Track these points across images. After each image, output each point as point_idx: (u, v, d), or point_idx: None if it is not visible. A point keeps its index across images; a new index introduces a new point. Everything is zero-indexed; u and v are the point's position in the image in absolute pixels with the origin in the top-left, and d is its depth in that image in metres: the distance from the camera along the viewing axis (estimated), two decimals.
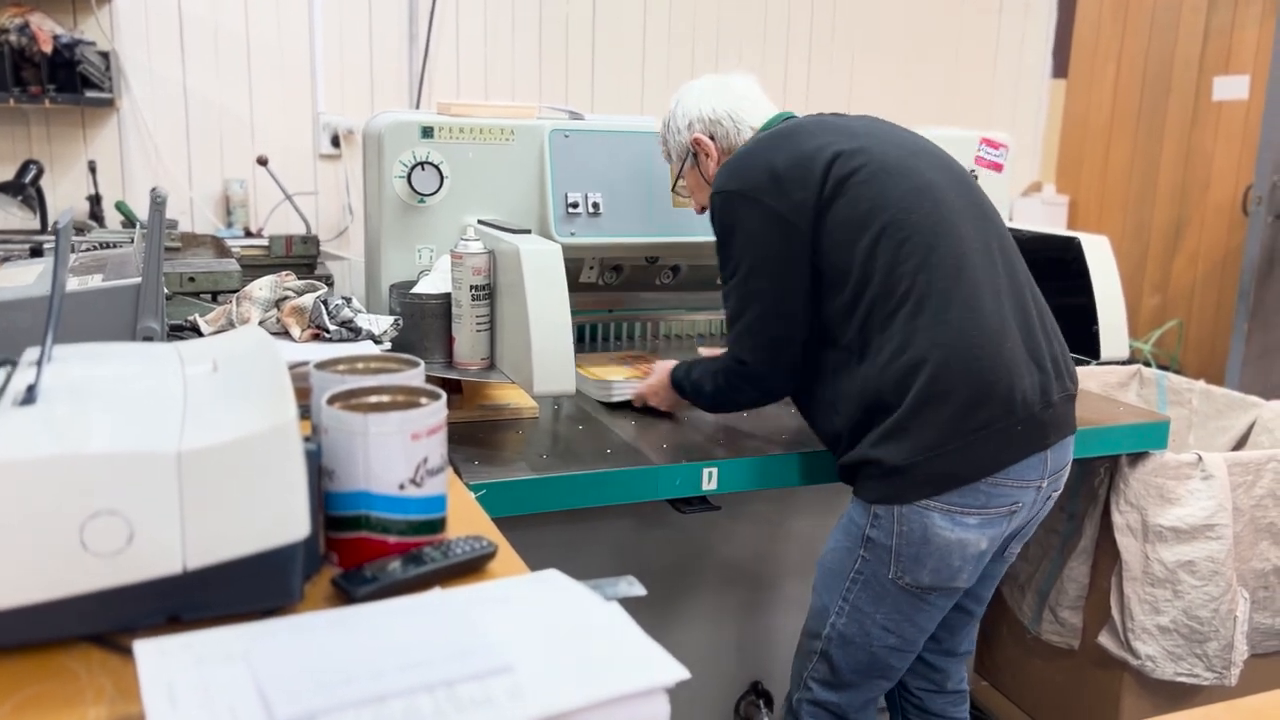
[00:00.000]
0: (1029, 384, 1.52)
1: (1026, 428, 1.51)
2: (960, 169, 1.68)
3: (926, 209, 1.54)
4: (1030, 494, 1.56)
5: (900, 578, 1.56)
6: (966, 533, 1.52)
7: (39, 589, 0.73)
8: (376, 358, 1.08)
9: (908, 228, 1.52)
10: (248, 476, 0.77)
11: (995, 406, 1.49)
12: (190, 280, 1.94)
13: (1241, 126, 3.73)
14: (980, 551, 1.55)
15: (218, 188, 3.36)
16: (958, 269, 1.52)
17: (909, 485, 1.51)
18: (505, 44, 3.62)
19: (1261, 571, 2.15)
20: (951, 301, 1.50)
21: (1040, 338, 1.58)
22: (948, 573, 1.55)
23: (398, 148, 1.90)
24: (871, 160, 1.56)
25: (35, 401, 0.82)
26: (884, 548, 1.55)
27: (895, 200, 1.53)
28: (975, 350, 1.49)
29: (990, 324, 1.51)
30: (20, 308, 1.22)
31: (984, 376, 1.48)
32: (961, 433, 1.48)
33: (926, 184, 1.57)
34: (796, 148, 1.59)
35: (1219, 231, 3.82)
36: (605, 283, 2.24)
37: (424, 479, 0.93)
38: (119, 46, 3.15)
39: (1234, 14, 3.76)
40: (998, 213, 1.67)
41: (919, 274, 1.50)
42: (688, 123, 1.77)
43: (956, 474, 1.49)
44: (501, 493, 1.53)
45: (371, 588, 0.86)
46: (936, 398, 1.48)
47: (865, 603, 1.60)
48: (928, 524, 1.51)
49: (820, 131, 1.62)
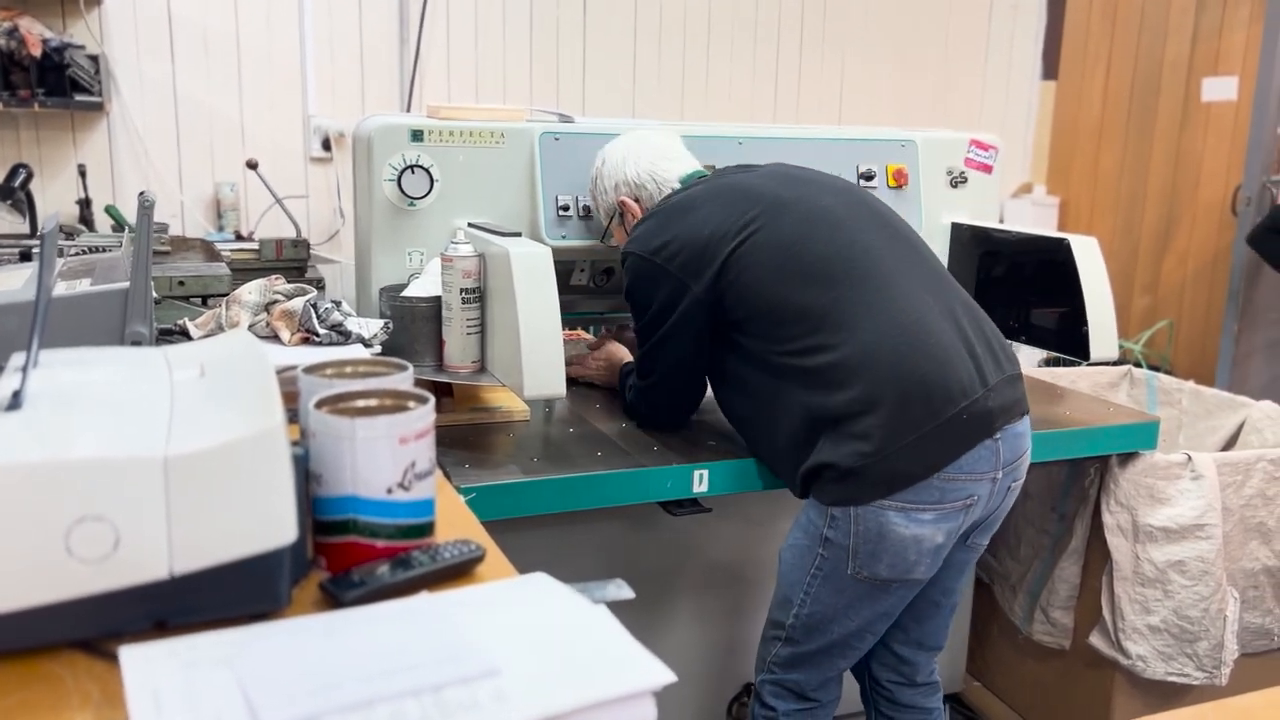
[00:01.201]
0: (963, 371, 1.55)
1: (971, 416, 1.54)
2: (856, 189, 1.80)
3: (824, 235, 1.63)
4: (985, 486, 1.58)
5: (859, 572, 1.59)
6: (922, 528, 1.55)
7: (24, 595, 0.73)
8: (365, 361, 1.08)
9: (810, 256, 1.60)
10: (234, 481, 0.77)
11: (934, 399, 1.52)
12: (180, 284, 1.94)
13: (1230, 127, 3.75)
14: (937, 545, 1.58)
15: (208, 191, 3.35)
16: (867, 278, 1.59)
17: (863, 487, 1.53)
18: (496, 47, 3.62)
19: (1251, 571, 2.16)
20: (869, 308, 1.56)
21: (967, 326, 1.62)
22: (904, 566, 1.57)
23: (388, 151, 1.89)
24: (766, 209, 1.65)
25: (21, 407, 0.81)
26: (841, 547, 1.58)
27: (793, 237, 1.62)
28: (901, 349, 1.53)
29: (910, 321, 1.56)
30: (8, 313, 1.21)
31: (915, 372, 1.52)
32: (907, 431, 1.51)
33: (821, 210, 1.66)
34: (704, 207, 1.69)
35: (1208, 232, 3.84)
36: (596, 285, 2.24)
37: (412, 483, 0.92)
38: (108, 50, 3.15)
39: (1222, 16, 3.77)
40: (902, 219, 1.76)
41: (831, 291, 1.57)
42: (614, 184, 1.87)
43: (909, 472, 1.52)
44: (492, 496, 1.53)
45: (359, 592, 0.86)
46: (875, 400, 1.51)
47: (826, 594, 1.62)
48: (883, 522, 1.54)
49: (724, 199, 1.70)
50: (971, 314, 1.66)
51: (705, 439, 1.79)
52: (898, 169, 2.24)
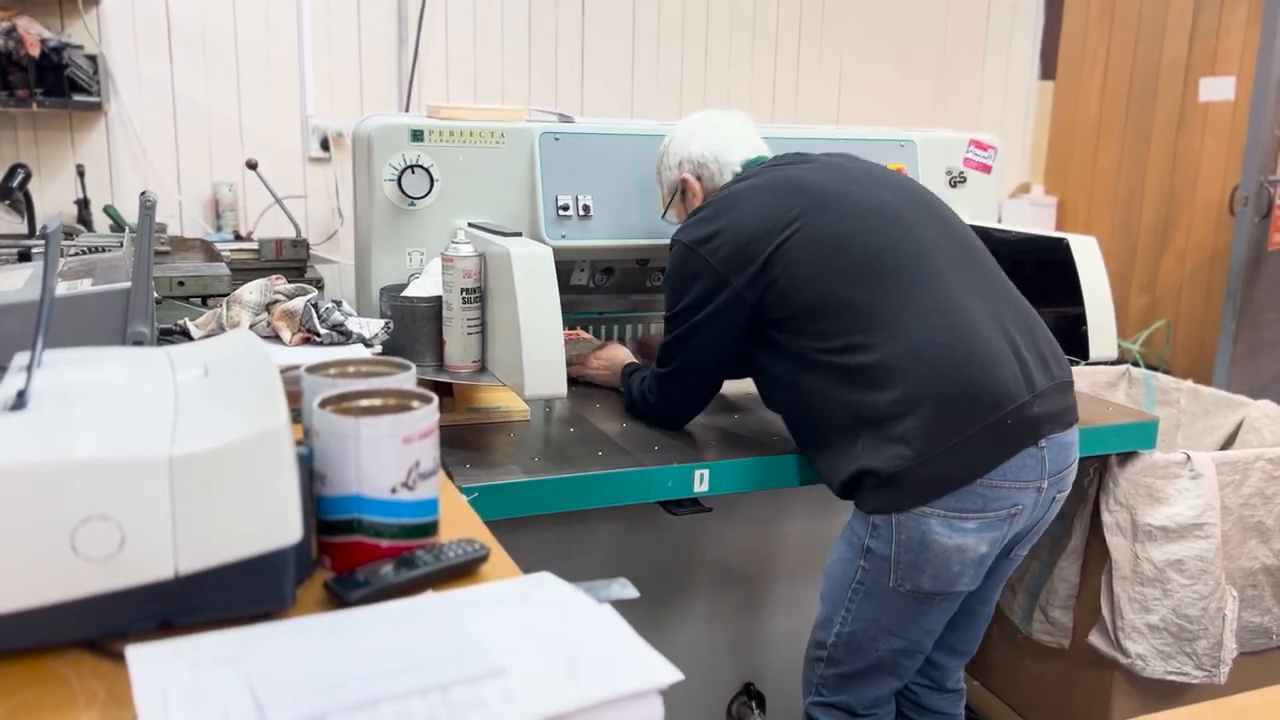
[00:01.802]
0: (1009, 375, 1.52)
1: (1016, 421, 1.51)
2: (917, 186, 1.77)
3: (874, 229, 1.60)
4: (1030, 495, 1.55)
5: (901, 584, 1.56)
6: (965, 538, 1.52)
7: (30, 595, 0.73)
8: (368, 361, 1.08)
9: (856, 251, 1.58)
10: (240, 481, 0.77)
11: (978, 402, 1.49)
12: (180, 284, 1.94)
13: (1228, 127, 3.75)
14: (980, 555, 1.55)
15: (206, 191, 3.35)
16: (915, 276, 1.56)
17: (904, 493, 1.51)
18: (494, 47, 3.62)
19: (1250, 570, 2.16)
20: (914, 307, 1.53)
21: (1016, 330, 1.59)
22: (948, 578, 1.55)
23: (388, 151, 1.89)
24: (811, 205, 1.63)
25: (25, 407, 0.81)
26: (883, 557, 1.56)
27: (838, 232, 1.60)
28: (945, 350, 1.50)
29: (956, 322, 1.53)
30: (9, 313, 1.21)
31: (959, 374, 1.50)
32: (949, 434, 1.48)
33: (874, 205, 1.64)
34: (756, 212, 1.65)
35: (1206, 232, 3.84)
36: (596, 285, 2.25)
37: (416, 482, 0.93)
38: (107, 50, 3.14)
39: (1220, 16, 3.78)
40: (957, 216, 1.74)
41: (876, 287, 1.55)
42: (678, 161, 1.86)
43: (950, 476, 1.49)
44: (493, 496, 1.53)
45: (364, 592, 0.86)
46: (917, 402, 1.49)
47: (868, 610, 1.60)
48: (925, 531, 1.51)
49: (773, 192, 1.68)
50: (1023, 318, 1.63)
51: (706, 439, 1.79)
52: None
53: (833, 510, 2.11)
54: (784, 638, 2.15)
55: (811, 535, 2.14)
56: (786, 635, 2.14)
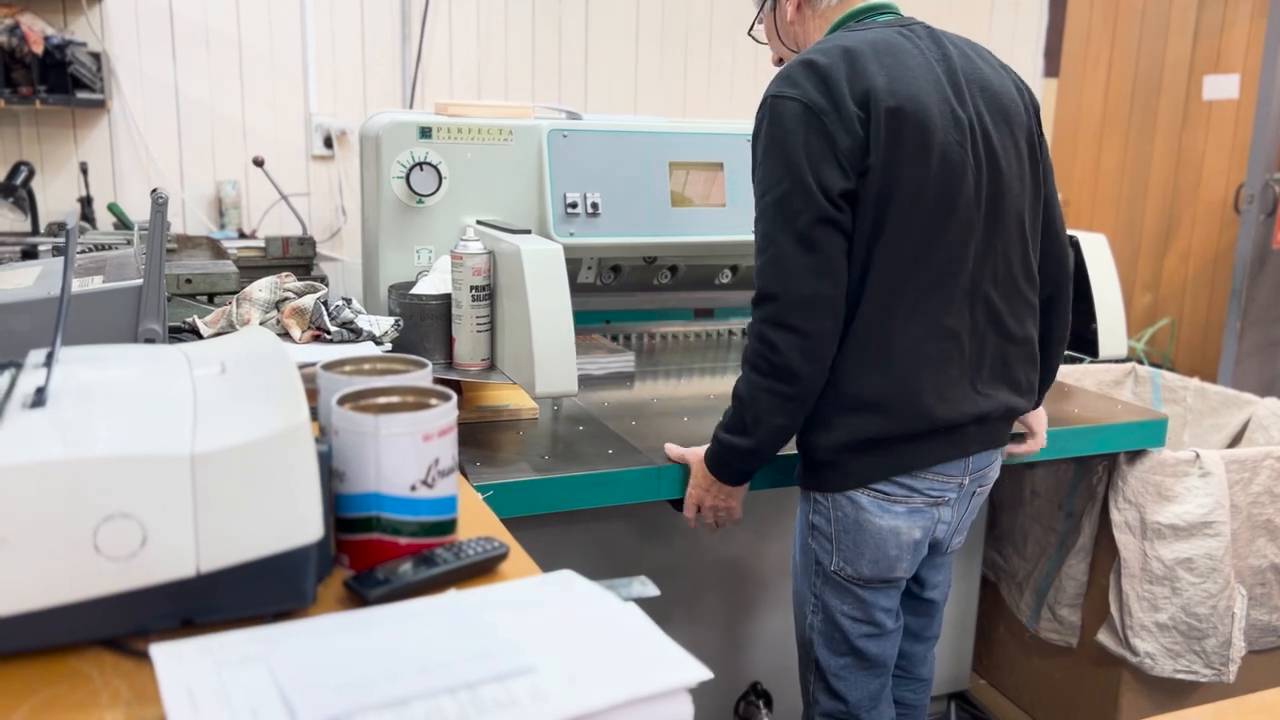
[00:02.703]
0: (967, 408, 1.51)
1: (951, 435, 1.52)
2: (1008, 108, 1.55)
3: (942, 188, 1.43)
4: (953, 490, 1.58)
5: (842, 569, 1.58)
6: (897, 520, 1.54)
7: (53, 593, 0.72)
8: (383, 359, 1.08)
9: (915, 216, 1.42)
10: (261, 479, 0.76)
11: (923, 423, 1.48)
12: (187, 282, 1.93)
13: (1232, 125, 3.75)
14: (914, 541, 1.56)
15: (210, 189, 3.34)
16: (944, 276, 1.46)
17: (834, 476, 1.53)
18: (498, 44, 3.61)
19: (1259, 568, 2.16)
20: (924, 309, 1.46)
21: (997, 367, 1.55)
22: (886, 562, 1.56)
23: (396, 148, 1.89)
24: (920, 121, 1.41)
25: (45, 404, 0.81)
26: (826, 535, 1.58)
27: (919, 183, 1.42)
28: (921, 373, 1.46)
29: (945, 344, 1.48)
30: (21, 310, 1.21)
31: (923, 399, 1.47)
32: (887, 437, 1.48)
33: (952, 162, 1.44)
34: (862, 69, 1.41)
35: (1210, 230, 3.84)
36: (603, 283, 2.24)
37: (435, 480, 0.92)
38: (110, 47, 3.13)
39: (1223, 13, 3.78)
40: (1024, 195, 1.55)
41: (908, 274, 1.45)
42: None
43: (877, 469, 1.51)
44: (506, 494, 1.52)
45: (384, 590, 0.86)
46: (879, 402, 1.47)
47: (830, 596, 1.61)
48: (859, 510, 1.53)
49: (897, 64, 1.45)
50: (1005, 356, 1.56)
51: None
52: None
53: None
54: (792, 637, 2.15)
55: None
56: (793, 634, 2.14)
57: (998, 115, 1.54)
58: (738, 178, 2.07)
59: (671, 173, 2.03)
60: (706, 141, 2.07)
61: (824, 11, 1.60)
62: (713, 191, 2.07)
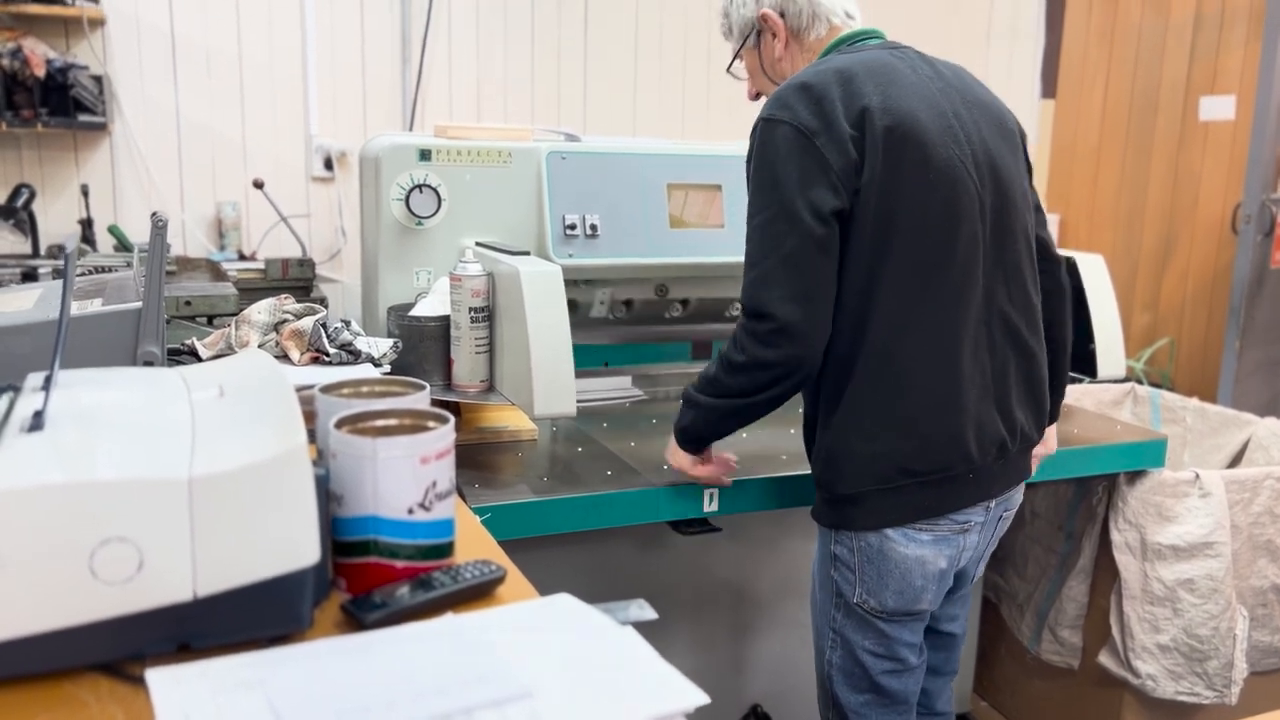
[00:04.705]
0: (989, 436, 1.49)
1: (977, 477, 1.51)
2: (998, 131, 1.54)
3: (945, 209, 1.43)
4: (980, 514, 1.55)
5: (865, 601, 1.54)
6: (923, 549, 1.51)
7: (49, 617, 0.72)
8: (381, 381, 1.08)
9: (919, 234, 1.42)
10: (259, 502, 0.76)
11: (950, 455, 1.46)
12: (186, 304, 1.94)
13: (1229, 146, 3.77)
14: (940, 571, 1.54)
15: (210, 211, 3.35)
16: (952, 304, 1.44)
17: (862, 513, 1.50)
18: (498, 67, 3.63)
19: (1260, 589, 2.15)
20: (940, 330, 1.44)
21: (1012, 382, 1.53)
22: (911, 594, 1.53)
23: (395, 170, 1.90)
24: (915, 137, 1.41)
25: (43, 428, 0.81)
26: (849, 566, 1.54)
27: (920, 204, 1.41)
28: (943, 398, 1.45)
29: (965, 364, 1.45)
30: (20, 333, 1.21)
31: (946, 422, 1.45)
32: (911, 472, 1.46)
33: (954, 178, 1.43)
34: (856, 90, 1.41)
35: (1208, 250, 3.85)
36: (615, 317, 2.22)
37: (433, 503, 0.92)
38: (112, 70, 3.15)
39: (1219, 35, 3.80)
40: (1026, 209, 1.56)
41: (918, 292, 1.43)
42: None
43: (903, 508, 1.48)
44: (504, 516, 1.52)
45: (381, 614, 0.85)
46: (895, 433, 1.45)
47: (850, 631, 1.58)
48: (884, 541, 1.50)
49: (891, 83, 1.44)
50: (1032, 370, 1.56)
51: None
52: None
53: None
54: (793, 659, 2.14)
55: None
56: (795, 657, 2.13)
57: (995, 129, 1.54)
58: (736, 199, 2.07)
59: (670, 194, 2.04)
60: (705, 163, 2.08)
61: (812, 44, 1.60)
62: (711, 213, 2.08)
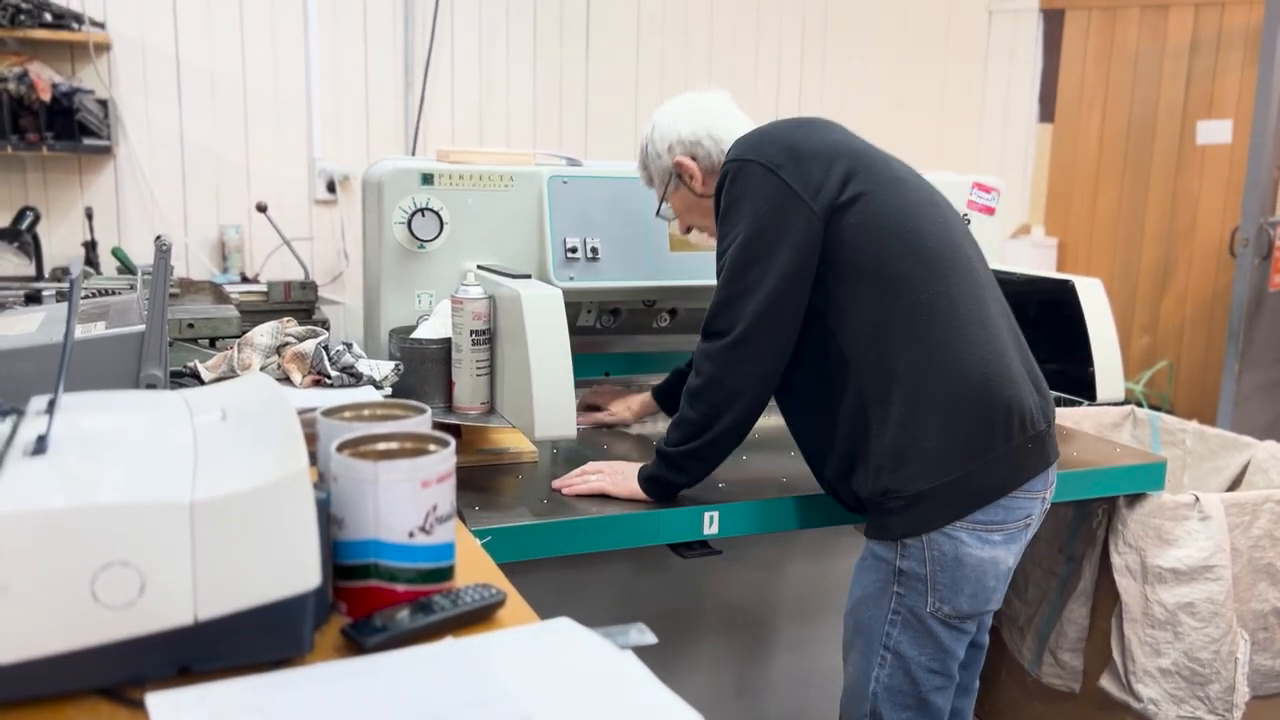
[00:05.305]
0: (1032, 403, 1.55)
1: (1035, 444, 1.55)
2: (946, 198, 1.70)
3: (939, 223, 1.57)
4: (1038, 506, 1.59)
5: (939, 609, 1.53)
6: (995, 550, 1.53)
7: (50, 641, 0.72)
8: (383, 404, 1.09)
9: (926, 238, 1.53)
10: (259, 526, 0.77)
11: (1012, 424, 1.51)
12: (189, 326, 1.94)
13: (1226, 169, 3.79)
14: (1009, 569, 1.57)
15: (213, 233, 3.37)
16: (969, 285, 1.54)
17: (934, 511, 1.49)
18: (500, 91, 3.66)
19: (1261, 613, 2.15)
20: (970, 317, 1.52)
21: (1031, 362, 1.63)
22: (984, 595, 1.54)
23: (398, 194, 1.91)
24: (886, 167, 1.59)
25: (46, 451, 0.81)
26: (918, 578, 1.52)
27: (913, 208, 1.55)
28: (988, 368, 1.50)
29: (1000, 342, 1.54)
30: (24, 356, 1.22)
31: (1001, 395, 1.50)
32: (983, 451, 1.49)
33: (933, 201, 1.61)
34: (819, 135, 1.59)
35: (1206, 273, 3.87)
36: (603, 326, 2.25)
37: (433, 526, 0.92)
38: (117, 94, 3.18)
39: (1216, 59, 3.83)
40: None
41: (940, 285, 1.51)
42: (667, 146, 1.77)
43: (981, 492, 1.50)
44: (505, 538, 1.52)
45: (382, 637, 0.86)
46: (957, 416, 1.48)
47: (907, 646, 1.55)
48: (958, 546, 1.50)
49: (838, 130, 1.65)
50: (1030, 356, 1.65)
51: (714, 481, 1.79)
52: None
53: (842, 552, 2.11)
54: (793, 681, 2.13)
55: (821, 577, 2.13)
56: (795, 678, 2.12)
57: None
58: None
59: None
60: None
61: None
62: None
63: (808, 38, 4.09)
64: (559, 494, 1.68)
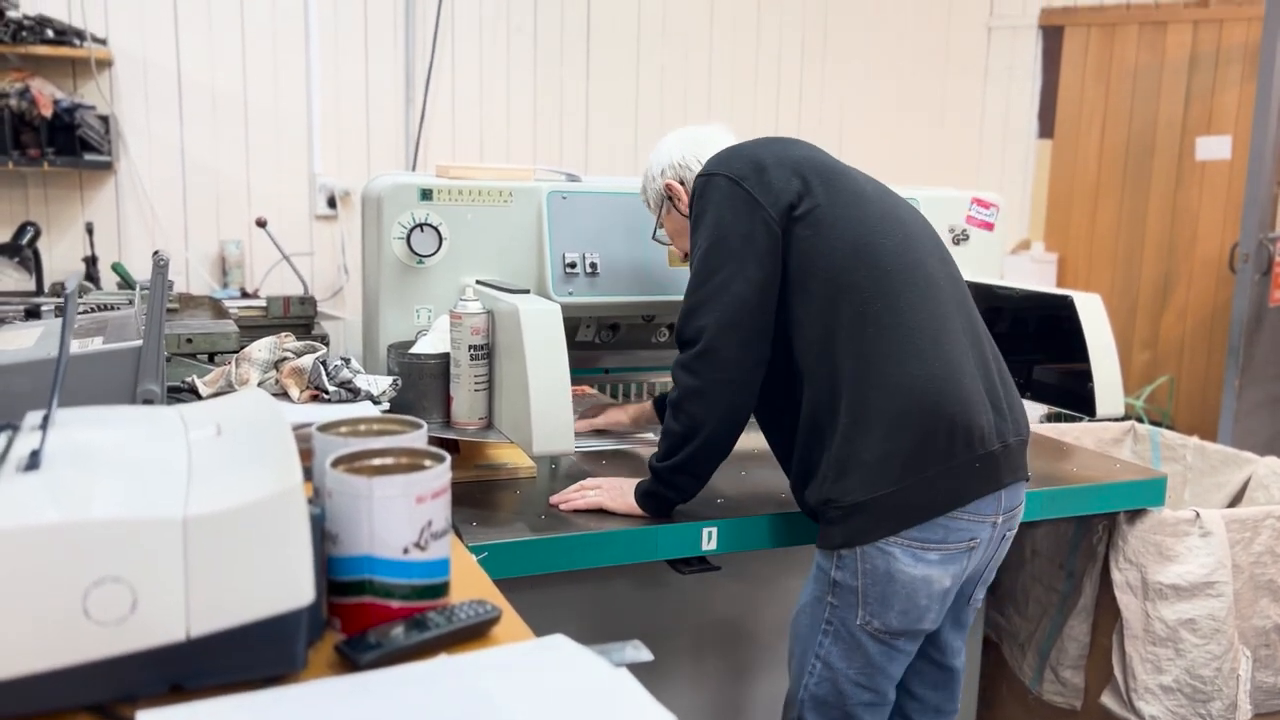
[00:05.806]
0: (985, 422, 1.54)
1: (984, 465, 1.53)
2: (920, 214, 1.73)
3: (899, 237, 1.59)
4: (987, 530, 1.57)
5: (869, 623, 1.54)
6: (929, 569, 1.52)
7: (40, 658, 0.72)
8: (379, 419, 1.08)
9: (881, 251, 1.56)
10: (253, 542, 0.77)
11: (956, 441, 1.50)
12: (188, 341, 1.95)
13: (1225, 185, 3.80)
14: (944, 590, 1.55)
15: (214, 249, 3.38)
16: (925, 299, 1.55)
17: (869, 523, 1.51)
18: (500, 107, 3.67)
19: (1262, 629, 2.14)
20: (921, 331, 1.52)
21: (995, 380, 1.61)
22: (915, 613, 1.54)
23: (397, 209, 1.91)
24: (849, 182, 1.63)
25: (39, 467, 0.81)
26: (850, 589, 1.54)
27: (873, 223, 1.58)
28: (939, 383, 1.50)
29: (954, 358, 1.53)
30: (21, 371, 1.22)
31: (946, 410, 1.50)
32: (922, 466, 1.49)
33: (896, 216, 1.63)
34: (784, 150, 1.66)
35: (1206, 288, 3.87)
36: (601, 341, 2.25)
37: (428, 542, 0.92)
38: (118, 110, 3.19)
39: (1214, 76, 3.84)
40: (951, 256, 1.72)
41: (891, 298, 1.53)
42: (660, 170, 1.83)
43: (919, 507, 1.50)
44: (501, 554, 1.52)
45: (376, 654, 0.85)
46: (898, 429, 1.49)
47: (836, 658, 1.58)
48: (890, 561, 1.51)
49: (806, 147, 1.71)
50: (1000, 370, 1.65)
51: (713, 497, 1.79)
52: None
53: None
54: None
55: None
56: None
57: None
58: None
59: None
60: None
61: None
62: None
63: (807, 57, 4.10)
64: (557, 509, 1.69)
